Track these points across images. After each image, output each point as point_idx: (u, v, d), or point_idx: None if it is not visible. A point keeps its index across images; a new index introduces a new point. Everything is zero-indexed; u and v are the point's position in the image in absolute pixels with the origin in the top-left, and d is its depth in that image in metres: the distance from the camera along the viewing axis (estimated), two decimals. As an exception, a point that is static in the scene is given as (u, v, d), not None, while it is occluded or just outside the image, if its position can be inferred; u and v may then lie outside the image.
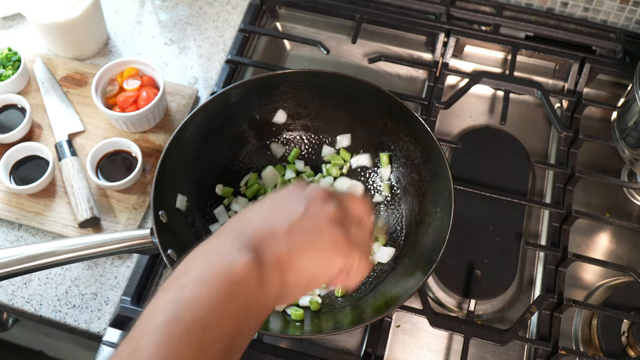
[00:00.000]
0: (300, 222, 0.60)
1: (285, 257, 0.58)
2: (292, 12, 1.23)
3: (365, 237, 0.65)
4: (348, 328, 0.79)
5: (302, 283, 0.60)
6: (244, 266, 0.54)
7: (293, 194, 0.64)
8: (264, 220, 0.60)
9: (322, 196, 0.63)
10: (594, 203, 1.04)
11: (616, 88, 1.14)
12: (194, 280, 0.53)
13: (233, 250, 0.56)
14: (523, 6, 1.20)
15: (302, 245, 0.59)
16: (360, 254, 0.63)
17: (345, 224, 0.63)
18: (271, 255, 0.57)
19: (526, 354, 0.91)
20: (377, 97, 0.92)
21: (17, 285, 0.93)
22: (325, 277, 0.61)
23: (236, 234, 0.59)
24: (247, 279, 0.54)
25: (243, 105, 0.95)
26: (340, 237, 0.61)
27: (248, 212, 0.63)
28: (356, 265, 0.62)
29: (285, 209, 0.62)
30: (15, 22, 1.19)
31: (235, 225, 0.61)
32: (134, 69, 1.05)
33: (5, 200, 0.98)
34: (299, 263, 0.58)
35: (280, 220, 0.60)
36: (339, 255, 0.61)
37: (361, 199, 0.67)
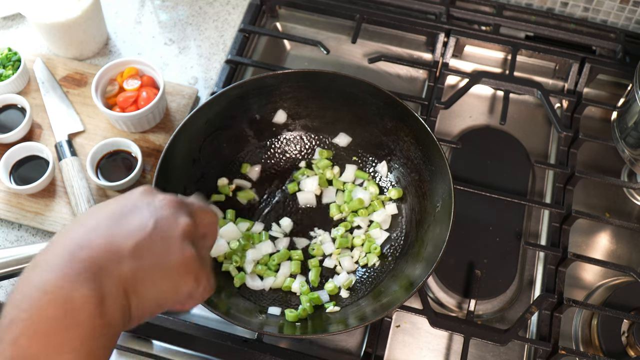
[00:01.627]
0: (147, 239, 0.53)
1: (130, 282, 0.51)
2: (292, 12, 1.23)
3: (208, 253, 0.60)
4: (348, 328, 0.79)
5: (147, 310, 0.53)
6: (83, 304, 0.47)
7: (140, 202, 0.56)
8: (103, 237, 0.52)
9: (173, 207, 0.56)
10: (594, 203, 1.04)
11: (616, 88, 1.14)
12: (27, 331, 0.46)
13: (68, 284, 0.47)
14: (523, 6, 1.20)
15: (150, 268, 0.52)
16: (209, 273, 0.58)
17: (196, 240, 0.57)
18: (114, 282, 0.50)
19: (526, 354, 0.91)
20: (377, 97, 0.92)
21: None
22: (173, 301, 0.55)
23: (70, 259, 0.49)
24: (88, 318, 0.47)
25: (243, 105, 0.95)
26: (191, 256, 0.55)
27: (81, 224, 0.54)
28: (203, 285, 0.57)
29: (131, 222, 0.54)
30: (15, 22, 1.19)
31: (66, 243, 0.51)
32: (134, 69, 1.05)
33: (5, 200, 0.98)
34: (145, 289, 0.52)
35: (124, 236, 0.52)
36: (189, 276, 0.55)
37: (210, 210, 0.62)
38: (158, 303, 0.54)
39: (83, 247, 0.51)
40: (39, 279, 0.48)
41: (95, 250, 0.51)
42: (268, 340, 0.88)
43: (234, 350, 0.86)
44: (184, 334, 0.87)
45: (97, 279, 0.49)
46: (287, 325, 0.84)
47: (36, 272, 0.49)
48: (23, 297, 0.48)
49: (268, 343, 0.87)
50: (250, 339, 0.87)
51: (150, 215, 0.54)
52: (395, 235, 0.93)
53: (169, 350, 0.88)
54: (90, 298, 0.47)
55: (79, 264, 0.49)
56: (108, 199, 0.97)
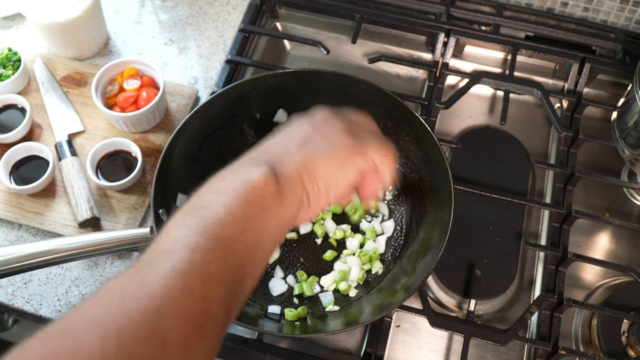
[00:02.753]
0: (310, 137, 0.63)
1: (301, 166, 0.60)
2: (292, 12, 1.23)
3: (376, 137, 0.68)
4: (347, 328, 0.79)
5: (324, 188, 0.62)
6: (261, 177, 0.57)
7: (300, 121, 0.67)
8: (276, 145, 0.63)
9: (327, 115, 0.67)
10: (594, 203, 1.04)
11: (616, 88, 1.14)
12: (214, 191, 0.56)
13: (250, 167, 0.58)
14: (523, 6, 1.20)
15: (316, 153, 0.62)
16: (377, 149, 0.65)
17: (354, 132, 0.65)
18: (287, 168, 0.60)
19: (526, 354, 0.91)
20: (377, 97, 0.92)
21: (17, 285, 0.93)
22: (346, 179, 0.64)
23: (250, 159, 0.61)
24: (266, 188, 0.57)
25: (243, 104, 0.95)
26: (351, 140, 0.64)
27: (259, 146, 0.65)
28: (378, 161, 0.65)
29: (295, 133, 0.65)
30: (15, 22, 1.19)
31: (248, 155, 0.63)
32: (134, 69, 1.05)
33: (5, 200, 0.98)
34: (316, 169, 0.61)
35: (291, 141, 0.63)
36: (355, 155, 0.63)
37: (365, 115, 0.71)
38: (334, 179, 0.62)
39: (265, 150, 0.63)
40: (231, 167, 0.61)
41: (270, 152, 0.62)
42: (268, 340, 0.88)
43: (234, 350, 0.86)
44: (184, 334, 0.86)
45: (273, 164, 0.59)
46: (287, 325, 0.84)
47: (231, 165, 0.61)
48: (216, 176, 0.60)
49: (268, 343, 0.87)
50: (250, 339, 0.87)
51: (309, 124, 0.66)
52: (395, 235, 0.93)
53: (169, 350, 0.87)
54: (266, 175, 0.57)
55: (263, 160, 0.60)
56: (109, 199, 0.98)
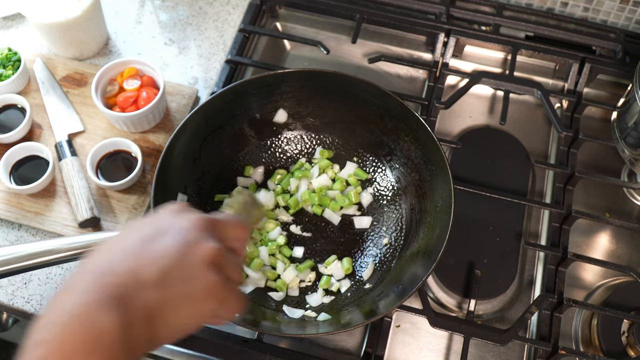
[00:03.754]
0: (173, 267, 0.54)
1: (154, 310, 0.52)
2: (292, 12, 1.23)
3: (238, 270, 0.60)
4: (347, 328, 0.79)
5: (173, 333, 0.55)
6: (109, 329, 0.49)
7: (168, 224, 0.57)
8: (131, 262, 0.53)
9: (200, 229, 0.57)
10: (594, 203, 1.04)
11: (616, 88, 1.14)
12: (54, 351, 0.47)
13: (96, 309, 0.49)
14: (523, 6, 1.20)
15: (174, 298, 0.53)
16: (234, 294, 0.58)
17: (223, 264, 0.57)
18: (139, 310, 0.51)
19: (526, 354, 0.91)
20: (377, 96, 0.92)
21: (17, 285, 0.93)
22: (197, 325, 0.57)
23: (98, 284, 0.51)
24: (112, 343, 0.49)
25: (243, 104, 0.95)
26: (216, 283, 0.55)
27: (111, 248, 0.56)
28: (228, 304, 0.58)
29: (157, 247, 0.55)
30: (15, 22, 1.19)
31: (95, 268, 0.54)
32: (134, 69, 1.05)
33: (5, 200, 0.98)
34: (169, 316, 0.53)
35: (149, 263, 0.53)
36: (212, 301, 0.56)
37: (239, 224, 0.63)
38: (183, 327, 0.56)
39: (110, 273, 0.52)
40: (67, 303, 0.50)
41: (121, 277, 0.52)
42: (268, 340, 0.88)
43: (234, 350, 0.86)
44: (184, 334, 0.87)
45: (122, 305, 0.50)
46: (287, 324, 0.84)
47: (65, 296, 0.51)
48: (51, 320, 0.49)
49: (268, 343, 0.87)
50: (250, 339, 0.87)
51: (176, 240, 0.55)
52: (395, 235, 0.93)
53: (169, 350, 0.88)
54: (114, 325, 0.49)
55: (105, 290, 0.51)
56: (109, 199, 0.98)
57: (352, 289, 0.90)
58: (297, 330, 0.83)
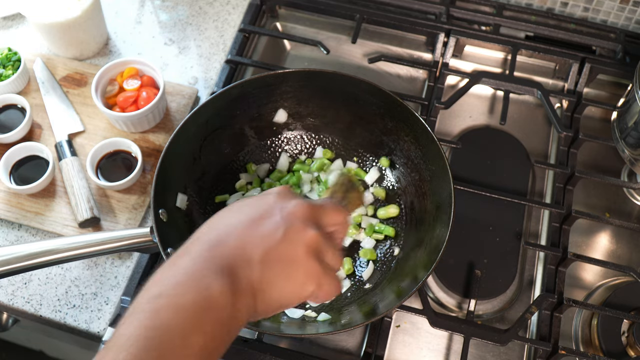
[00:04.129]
0: (277, 249, 0.58)
1: (258, 285, 0.57)
2: (292, 12, 1.23)
3: (337, 256, 0.64)
4: (347, 328, 0.79)
5: (271, 309, 0.59)
6: (220, 294, 0.53)
7: (273, 207, 0.61)
8: (239, 239, 0.58)
9: (303, 214, 0.61)
10: (594, 203, 1.04)
11: (616, 88, 1.14)
12: (169, 305, 0.52)
13: (209, 274, 0.54)
14: (523, 6, 1.20)
15: (276, 276, 0.58)
16: (332, 279, 0.62)
17: (322, 250, 0.61)
18: (245, 282, 0.56)
19: (526, 354, 0.91)
20: (377, 96, 0.92)
21: (17, 285, 0.93)
22: (295, 303, 0.61)
23: (210, 253, 0.57)
24: (222, 306, 0.54)
25: (243, 104, 0.95)
26: (316, 268, 0.60)
27: (222, 222, 0.60)
28: (326, 289, 0.61)
29: (263, 227, 0.59)
30: (15, 22, 1.19)
31: (208, 238, 0.59)
32: (134, 69, 1.05)
33: (5, 200, 0.98)
34: (270, 293, 0.58)
35: (256, 242, 0.58)
36: (311, 284, 0.60)
37: (340, 211, 0.66)
38: (281, 303, 0.60)
39: (222, 245, 0.57)
40: (185, 265, 0.55)
41: (231, 250, 0.57)
42: (268, 340, 0.88)
43: (234, 350, 0.86)
44: (184, 334, 0.86)
45: (232, 275, 0.55)
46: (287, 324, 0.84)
47: (183, 259, 0.56)
48: (170, 278, 0.54)
49: (268, 343, 0.87)
50: (250, 339, 0.87)
51: (281, 223, 0.59)
52: (395, 235, 0.93)
53: (169, 350, 0.87)
54: (225, 290, 0.54)
55: (218, 260, 0.56)
56: (109, 199, 0.98)
57: (352, 289, 0.90)
58: (297, 330, 0.83)
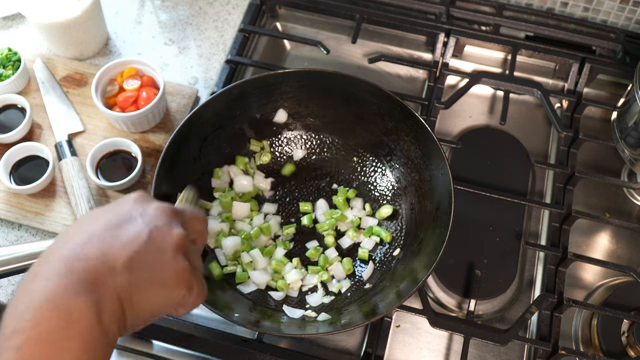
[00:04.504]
0: (141, 252, 0.54)
1: (125, 294, 0.53)
2: (292, 12, 1.23)
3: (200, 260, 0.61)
4: (347, 328, 0.79)
5: (142, 318, 0.56)
6: (83, 315, 0.49)
7: (134, 211, 0.57)
8: (99, 248, 0.53)
9: (167, 216, 0.57)
10: (594, 203, 1.04)
11: (616, 88, 1.14)
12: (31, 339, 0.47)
13: (68, 295, 0.49)
14: (523, 6, 1.20)
15: (144, 281, 0.54)
16: (201, 281, 0.59)
17: (190, 251, 0.58)
18: (110, 294, 0.52)
19: (526, 354, 0.91)
20: (377, 96, 0.92)
21: (17, 285, 0.93)
22: (166, 311, 0.58)
23: (67, 270, 0.51)
24: (88, 326, 0.49)
25: (243, 104, 0.95)
26: (184, 268, 0.56)
27: (77, 234, 0.55)
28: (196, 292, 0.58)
29: (125, 232, 0.55)
30: (15, 22, 1.19)
31: (63, 253, 0.53)
32: (134, 69, 1.05)
33: (5, 200, 0.98)
34: (139, 300, 0.54)
35: (118, 247, 0.53)
36: (181, 287, 0.56)
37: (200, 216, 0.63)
38: (152, 312, 0.56)
39: (80, 258, 0.52)
40: (40, 290, 0.50)
41: (91, 261, 0.52)
42: (268, 340, 0.88)
43: (234, 350, 0.86)
44: (183, 334, 0.87)
45: (94, 290, 0.50)
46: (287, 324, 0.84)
47: (36, 282, 0.51)
48: (26, 307, 0.49)
49: (268, 343, 0.87)
50: (250, 339, 0.87)
51: (145, 226, 0.55)
52: (395, 235, 0.93)
53: (169, 350, 0.88)
54: (89, 309, 0.49)
55: (77, 275, 0.51)
56: (109, 199, 0.98)
57: (352, 289, 0.90)
58: (297, 330, 0.83)
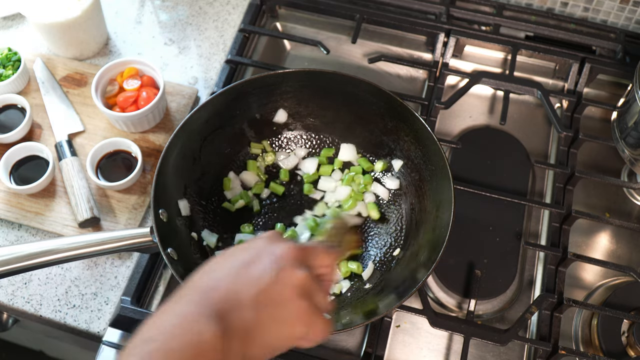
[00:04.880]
0: (268, 291, 0.59)
1: (250, 328, 0.58)
2: (292, 12, 1.23)
3: (325, 297, 0.64)
4: (347, 328, 0.79)
5: (263, 353, 0.60)
6: (211, 338, 0.54)
7: (263, 251, 0.63)
8: (231, 283, 0.60)
9: (293, 257, 0.62)
10: (594, 203, 1.04)
11: (616, 88, 1.14)
12: (159, 350, 0.53)
13: (201, 319, 0.55)
14: (523, 6, 1.20)
15: (267, 318, 0.58)
16: (323, 320, 0.62)
17: (311, 291, 0.61)
18: (236, 325, 0.57)
19: (526, 354, 0.91)
20: (377, 96, 0.92)
21: (17, 285, 0.93)
22: (287, 346, 0.61)
23: (203, 298, 0.58)
24: (212, 351, 0.54)
25: (243, 104, 0.95)
26: (305, 309, 0.60)
27: (214, 269, 0.62)
28: (316, 329, 0.61)
29: (254, 271, 0.60)
30: (15, 22, 1.19)
31: (201, 284, 0.60)
32: (134, 69, 1.05)
33: (5, 200, 0.98)
34: (262, 335, 0.58)
35: (247, 285, 0.59)
36: (302, 324, 0.60)
37: (329, 253, 0.67)
38: (272, 346, 0.60)
39: (213, 290, 0.59)
40: (178, 311, 0.57)
41: (223, 294, 0.58)
42: (268, 340, 0.87)
43: (234, 350, 0.86)
44: (184, 334, 0.86)
45: (223, 319, 0.56)
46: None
47: (177, 305, 0.58)
48: (163, 321, 0.56)
49: (268, 343, 0.87)
50: (250, 339, 0.87)
51: (271, 266, 0.60)
52: (395, 235, 0.93)
53: (169, 350, 0.87)
54: (216, 335, 0.55)
55: (209, 304, 0.57)
56: (109, 199, 0.98)
57: (352, 289, 0.90)
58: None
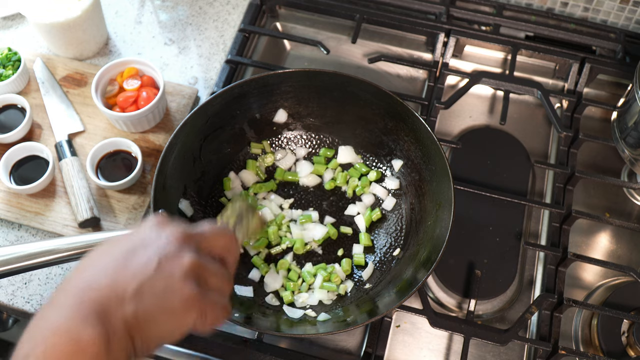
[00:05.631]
0: (152, 280, 0.54)
1: (133, 323, 0.54)
2: (292, 12, 1.23)
3: (224, 279, 0.60)
4: (347, 328, 0.79)
5: (152, 345, 0.56)
6: (91, 344, 0.51)
7: (148, 238, 0.58)
8: (110, 278, 0.55)
9: (179, 243, 0.57)
10: (594, 203, 1.04)
11: (616, 88, 1.14)
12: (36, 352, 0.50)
13: (77, 324, 0.51)
14: (523, 6, 1.20)
15: (154, 310, 0.54)
16: (216, 304, 0.58)
17: (202, 274, 0.57)
18: (119, 323, 0.53)
19: (526, 354, 0.91)
20: (377, 96, 0.92)
21: (17, 285, 0.93)
22: (176, 336, 0.57)
23: (77, 302, 0.53)
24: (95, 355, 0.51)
25: (243, 104, 0.95)
26: (194, 294, 0.55)
27: (92, 264, 0.57)
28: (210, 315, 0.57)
29: (137, 261, 0.56)
30: (15, 22, 1.19)
31: (76, 284, 0.55)
32: (134, 69, 1.05)
33: (5, 200, 0.98)
34: (148, 328, 0.54)
35: (128, 277, 0.55)
36: (192, 312, 0.56)
37: (224, 233, 0.62)
38: (162, 339, 0.57)
39: (91, 288, 0.54)
40: (54, 318, 0.53)
41: (102, 291, 0.54)
42: (268, 340, 0.88)
43: (234, 350, 0.86)
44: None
45: (104, 320, 0.52)
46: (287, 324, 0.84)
47: (50, 311, 0.54)
48: (38, 333, 0.52)
49: (268, 343, 0.87)
50: (250, 339, 0.87)
51: (155, 254, 0.56)
52: (395, 235, 0.93)
53: (169, 350, 0.88)
54: (96, 339, 0.51)
55: (87, 306, 0.53)
56: (109, 199, 0.98)
57: (352, 289, 0.90)
58: (297, 330, 0.83)
